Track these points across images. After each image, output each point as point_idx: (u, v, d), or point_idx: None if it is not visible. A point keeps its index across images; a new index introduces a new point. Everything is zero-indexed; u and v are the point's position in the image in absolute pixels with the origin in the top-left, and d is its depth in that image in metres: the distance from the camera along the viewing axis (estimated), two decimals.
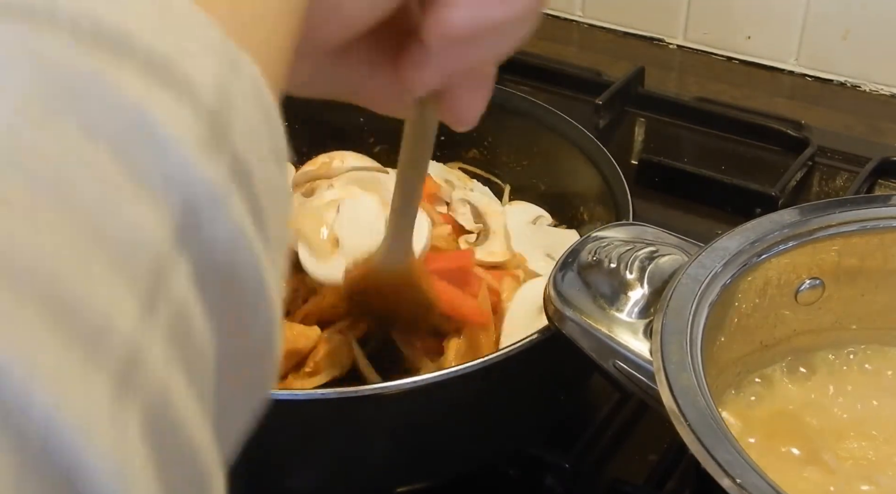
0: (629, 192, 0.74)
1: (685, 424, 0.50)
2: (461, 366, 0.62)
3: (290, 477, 0.64)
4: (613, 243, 0.61)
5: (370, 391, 0.61)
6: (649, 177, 0.97)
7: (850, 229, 0.63)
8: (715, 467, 0.48)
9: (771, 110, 1.06)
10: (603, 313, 0.58)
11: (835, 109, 1.09)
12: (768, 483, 0.47)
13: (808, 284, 0.63)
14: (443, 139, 0.89)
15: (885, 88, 1.11)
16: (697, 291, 0.57)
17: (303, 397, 0.62)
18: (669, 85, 1.13)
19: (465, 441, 0.67)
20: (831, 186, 0.99)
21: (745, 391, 0.63)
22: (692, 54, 1.18)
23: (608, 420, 0.74)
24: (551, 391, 0.70)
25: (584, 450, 0.71)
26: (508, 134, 0.86)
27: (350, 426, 0.62)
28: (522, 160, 0.86)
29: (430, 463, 0.68)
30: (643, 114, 1.07)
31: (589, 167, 0.79)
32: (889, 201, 0.64)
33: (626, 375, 0.57)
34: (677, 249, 0.61)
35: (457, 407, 0.63)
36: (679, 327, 0.55)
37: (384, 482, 0.67)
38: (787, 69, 1.14)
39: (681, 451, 0.66)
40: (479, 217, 0.80)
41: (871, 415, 0.62)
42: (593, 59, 1.15)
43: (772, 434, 0.61)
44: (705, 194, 0.95)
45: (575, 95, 1.08)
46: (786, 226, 0.62)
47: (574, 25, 1.23)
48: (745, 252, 0.60)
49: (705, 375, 0.52)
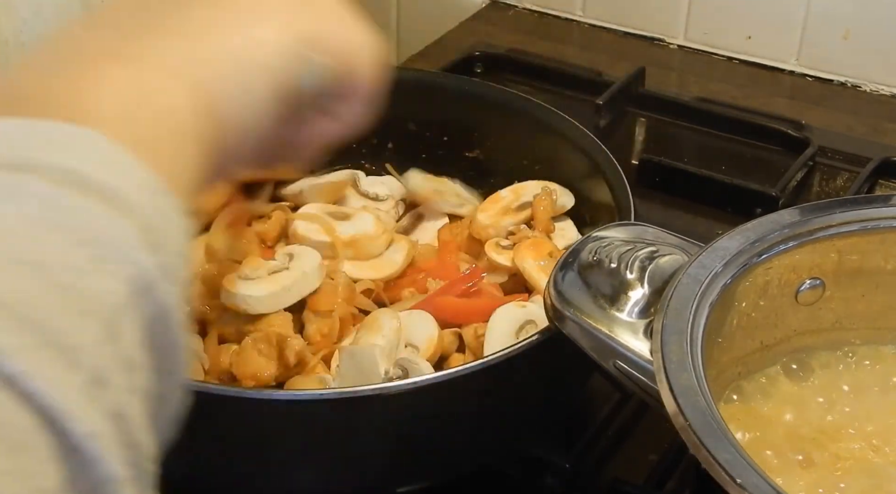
0: (630, 192, 0.74)
1: (685, 424, 0.50)
2: (461, 366, 0.62)
3: (290, 478, 0.64)
4: (614, 242, 0.61)
5: (370, 392, 0.61)
6: (650, 177, 0.97)
7: (850, 229, 0.63)
8: (715, 467, 0.48)
9: (771, 110, 1.06)
10: (603, 312, 0.58)
11: (835, 109, 1.09)
12: (768, 483, 0.47)
13: (809, 284, 0.63)
14: (445, 139, 0.90)
15: (886, 88, 1.11)
16: (698, 291, 0.57)
17: (303, 397, 0.62)
18: (670, 85, 1.13)
19: (465, 441, 0.67)
20: (832, 186, 0.99)
21: (745, 391, 0.63)
22: (693, 54, 1.18)
23: (608, 420, 0.74)
24: (551, 391, 0.70)
25: (584, 450, 0.71)
26: (509, 134, 0.86)
27: (350, 427, 0.62)
28: (523, 160, 0.86)
29: (431, 463, 0.67)
30: (644, 114, 1.07)
31: (590, 167, 0.79)
32: (889, 201, 0.64)
33: (627, 375, 0.57)
34: (678, 249, 0.61)
35: (457, 407, 0.63)
36: (679, 327, 0.55)
37: (384, 482, 0.67)
38: (788, 69, 1.14)
39: (681, 451, 0.66)
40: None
41: (871, 415, 0.62)
42: (594, 59, 1.15)
43: (772, 434, 0.61)
44: (706, 194, 0.95)
45: (575, 94, 1.08)
46: (786, 226, 0.62)
47: (575, 25, 1.23)
48: (745, 252, 0.60)
49: (705, 375, 0.52)
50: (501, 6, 1.26)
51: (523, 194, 0.82)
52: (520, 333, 0.70)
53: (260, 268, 0.73)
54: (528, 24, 1.23)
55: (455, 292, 0.76)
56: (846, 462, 0.59)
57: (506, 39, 1.19)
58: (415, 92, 0.88)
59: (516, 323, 0.70)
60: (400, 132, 0.89)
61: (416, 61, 1.17)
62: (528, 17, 1.24)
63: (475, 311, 0.74)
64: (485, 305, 0.74)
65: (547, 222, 0.79)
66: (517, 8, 1.25)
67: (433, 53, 1.17)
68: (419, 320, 0.73)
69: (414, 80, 0.90)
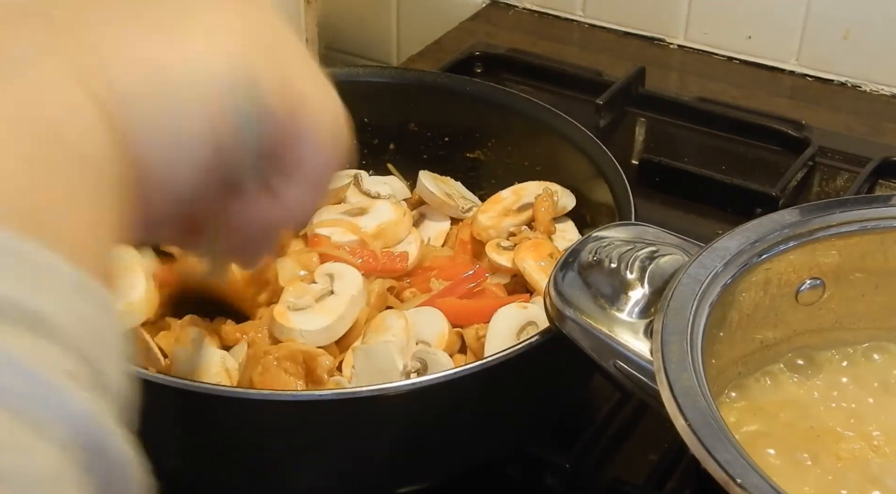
0: (631, 192, 0.74)
1: (685, 424, 0.50)
2: (461, 367, 0.62)
3: (291, 478, 0.64)
4: (614, 242, 0.62)
5: (370, 392, 0.61)
6: (650, 177, 0.97)
7: (850, 229, 0.63)
8: (715, 467, 0.48)
9: (771, 110, 1.06)
10: (603, 312, 0.58)
11: (835, 109, 1.09)
12: (768, 483, 0.47)
13: (809, 284, 0.63)
14: (446, 140, 0.90)
15: (886, 88, 1.11)
16: (698, 291, 0.57)
17: (303, 397, 0.63)
18: (670, 85, 1.13)
19: (465, 441, 0.67)
20: (832, 186, 0.99)
21: (745, 391, 0.63)
22: (693, 54, 1.18)
23: (608, 420, 0.74)
24: (551, 391, 0.70)
25: (584, 450, 0.71)
26: (510, 135, 0.86)
27: (350, 427, 0.62)
28: (524, 161, 0.86)
29: (431, 464, 0.68)
30: (644, 114, 1.07)
31: (591, 167, 0.79)
32: (889, 201, 0.64)
33: (627, 375, 0.57)
34: (678, 249, 0.61)
35: (457, 407, 0.63)
36: (679, 327, 0.55)
37: (385, 482, 0.67)
38: (788, 69, 1.14)
39: (681, 451, 0.66)
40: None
41: (872, 415, 0.62)
42: (594, 59, 1.15)
43: (772, 434, 0.61)
44: (706, 193, 0.95)
45: (575, 94, 1.08)
46: (786, 226, 0.62)
47: (575, 25, 1.23)
48: (745, 252, 0.60)
49: (705, 375, 0.53)
50: (501, 6, 1.26)
51: (524, 195, 0.82)
52: (521, 334, 0.70)
53: (305, 294, 0.72)
54: (528, 24, 1.23)
55: (458, 293, 0.76)
56: (846, 461, 0.59)
57: (506, 39, 1.19)
58: (416, 93, 0.88)
59: (517, 324, 0.70)
60: (401, 133, 0.89)
61: (416, 61, 1.17)
62: (528, 17, 1.24)
63: (476, 312, 0.74)
64: (486, 306, 0.74)
65: (548, 223, 0.79)
66: (517, 8, 1.25)
67: (433, 53, 1.17)
68: (428, 316, 0.73)
69: (415, 80, 0.90)
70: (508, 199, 0.82)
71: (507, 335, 0.69)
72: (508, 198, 0.82)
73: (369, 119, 0.89)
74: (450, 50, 1.16)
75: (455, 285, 0.77)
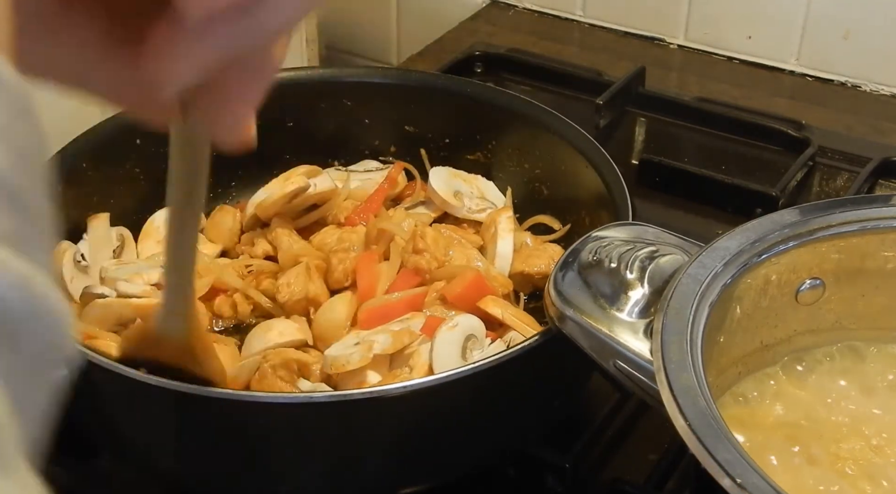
0: (629, 192, 0.74)
1: (685, 424, 0.50)
2: (462, 367, 0.62)
3: (291, 480, 0.64)
4: (614, 242, 0.62)
5: (370, 394, 0.61)
6: (650, 177, 0.97)
7: (850, 229, 0.63)
8: (715, 467, 0.48)
9: (771, 110, 1.06)
10: (603, 312, 0.58)
11: (835, 109, 1.09)
12: (768, 483, 0.47)
13: (809, 284, 0.63)
14: (447, 141, 0.90)
15: (886, 88, 1.11)
16: (698, 291, 0.57)
17: (303, 399, 0.63)
18: (670, 85, 1.13)
19: (466, 442, 0.67)
20: (832, 186, 0.99)
21: (745, 391, 0.63)
22: (693, 54, 1.18)
23: (608, 420, 0.74)
24: (551, 391, 0.70)
25: (584, 450, 0.71)
26: (510, 136, 0.86)
27: (350, 429, 0.62)
28: (524, 163, 0.86)
29: (431, 465, 0.67)
30: (644, 114, 1.07)
31: (588, 169, 0.79)
32: (889, 201, 0.64)
33: (627, 375, 0.57)
34: (678, 249, 0.61)
35: (457, 408, 0.63)
36: (679, 327, 0.55)
37: (385, 484, 0.67)
38: (788, 69, 1.14)
39: (681, 451, 0.66)
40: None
41: (871, 415, 0.62)
42: (594, 59, 1.15)
43: (772, 434, 0.61)
44: (706, 193, 0.95)
45: (575, 94, 1.08)
46: (786, 226, 0.62)
47: (575, 25, 1.23)
48: (745, 252, 0.60)
49: (705, 375, 0.53)
50: (501, 6, 1.26)
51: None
52: (466, 354, 0.69)
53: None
54: (528, 24, 1.23)
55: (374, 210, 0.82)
56: (846, 461, 0.59)
57: (506, 39, 1.19)
58: (417, 94, 0.88)
59: (459, 343, 0.70)
60: (402, 134, 0.90)
61: (416, 61, 1.17)
62: (528, 17, 1.24)
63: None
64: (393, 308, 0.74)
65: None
66: (517, 8, 1.25)
67: (433, 53, 1.17)
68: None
69: (417, 82, 0.90)
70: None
71: (454, 357, 0.69)
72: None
73: (370, 120, 0.89)
74: (450, 50, 1.16)
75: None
